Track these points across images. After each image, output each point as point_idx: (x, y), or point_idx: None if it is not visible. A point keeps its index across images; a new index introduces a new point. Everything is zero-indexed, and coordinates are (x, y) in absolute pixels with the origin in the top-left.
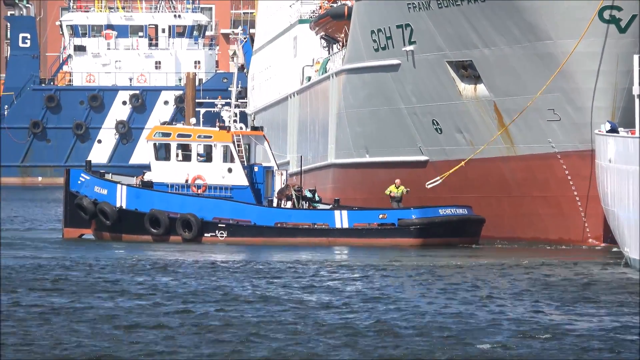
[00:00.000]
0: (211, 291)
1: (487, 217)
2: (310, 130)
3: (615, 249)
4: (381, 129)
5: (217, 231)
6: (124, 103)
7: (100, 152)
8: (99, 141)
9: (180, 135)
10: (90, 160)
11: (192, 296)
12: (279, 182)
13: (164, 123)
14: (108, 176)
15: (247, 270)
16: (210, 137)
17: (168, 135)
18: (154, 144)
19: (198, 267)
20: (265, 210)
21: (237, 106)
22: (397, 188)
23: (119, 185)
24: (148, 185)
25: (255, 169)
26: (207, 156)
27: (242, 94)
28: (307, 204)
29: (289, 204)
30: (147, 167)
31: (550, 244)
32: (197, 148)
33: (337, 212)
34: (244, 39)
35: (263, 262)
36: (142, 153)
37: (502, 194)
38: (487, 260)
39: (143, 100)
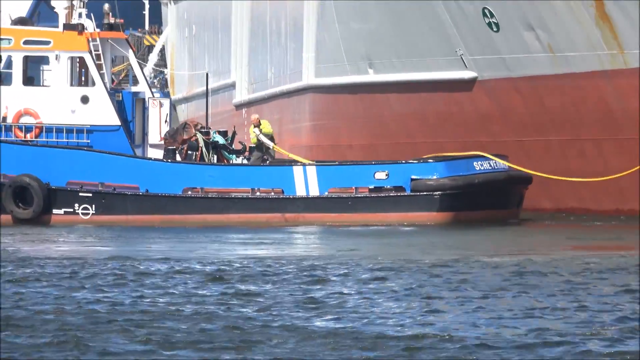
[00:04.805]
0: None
1: (575, 174)
2: (270, 32)
3: None
4: (395, 26)
5: (77, 205)
6: None
7: None
8: None
9: None
10: None
11: None
12: (155, 119)
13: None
14: None
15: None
16: (48, 42)
17: None
18: None
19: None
20: (165, 168)
21: None
22: (258, 127)
23: None
24: None
25: (119, 96)
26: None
27: None
28: (216, 155)
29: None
30: None
31: None
32: (23, 61)
33: (297, 169)
34: None
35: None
36: None
37: (603, 136)
38: None
39: None
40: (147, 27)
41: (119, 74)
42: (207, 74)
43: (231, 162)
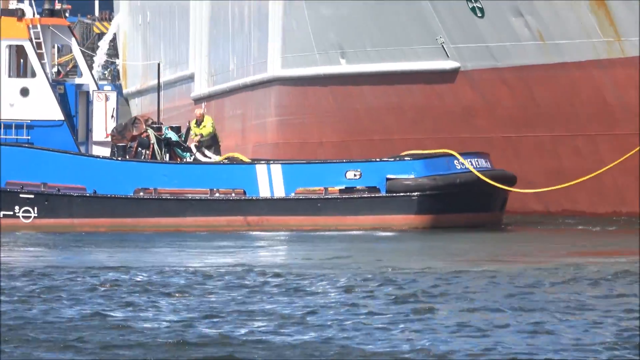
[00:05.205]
0: None
1: (568, 173)
2: (233, 19)
3: None
4: (369, 11)
5: (17, 208)
6: None
7: None
8: None
9: None
10: None
11: None
12: (100, 114)
13: None
14: None
15: None
16: None
17: None
18: None
19: None
20: (115, 167)
21: None
22: (201, 125)
23: None
24: None
25: (61, 89)
26: None
27: None
28: (169, 153)
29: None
30: None
31: None
32: None
33: (261, 168)
34: None
35: None
36: None
37: (599, 132)
38: None
39: None
40: (97, 13)
41: (66, 65)
42: (158, 64)
43: (185, 160)
